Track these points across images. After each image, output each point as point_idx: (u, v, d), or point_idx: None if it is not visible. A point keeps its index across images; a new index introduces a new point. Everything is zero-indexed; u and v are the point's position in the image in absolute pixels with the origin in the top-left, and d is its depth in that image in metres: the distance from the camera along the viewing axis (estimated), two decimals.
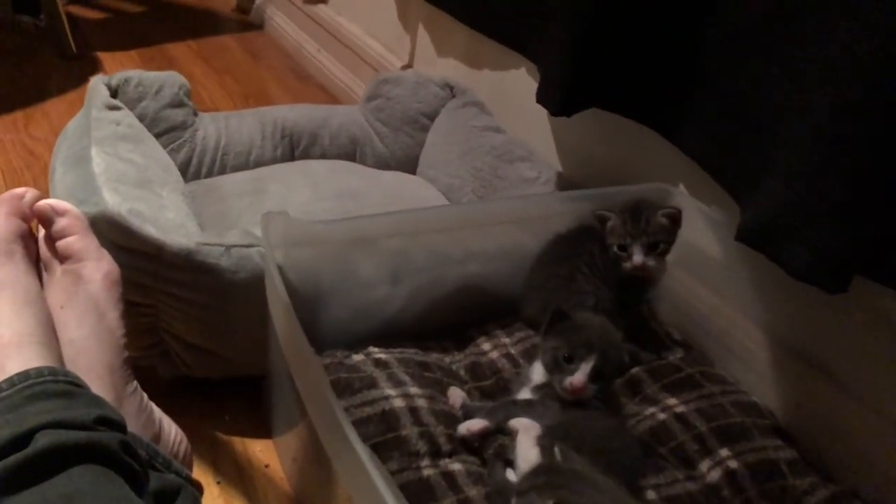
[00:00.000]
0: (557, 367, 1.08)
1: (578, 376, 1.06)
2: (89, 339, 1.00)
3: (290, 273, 1.17)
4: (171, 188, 1.35)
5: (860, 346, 1.17)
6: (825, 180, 1.02)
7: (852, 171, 1.00)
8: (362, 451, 0.82)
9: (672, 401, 1.22)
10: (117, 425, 0.87)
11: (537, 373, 1.14)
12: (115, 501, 0.78)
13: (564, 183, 1.58)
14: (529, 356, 1.25)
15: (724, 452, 1.13)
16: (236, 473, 1.18)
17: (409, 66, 2.29)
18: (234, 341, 1.23)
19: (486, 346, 1.33)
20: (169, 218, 1.20)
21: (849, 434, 1.16)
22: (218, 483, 1.16)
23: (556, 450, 0.94)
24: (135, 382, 1.04)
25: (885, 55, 0.92)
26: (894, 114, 0.94)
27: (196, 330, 1.21)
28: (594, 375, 1.07)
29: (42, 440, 0.71)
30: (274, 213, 1.13)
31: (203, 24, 3.17)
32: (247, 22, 3.27)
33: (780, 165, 1.09)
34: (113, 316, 1.04)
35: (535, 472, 0.87)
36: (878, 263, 1.07)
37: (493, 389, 1.23)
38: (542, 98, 1.46)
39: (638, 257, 1.25)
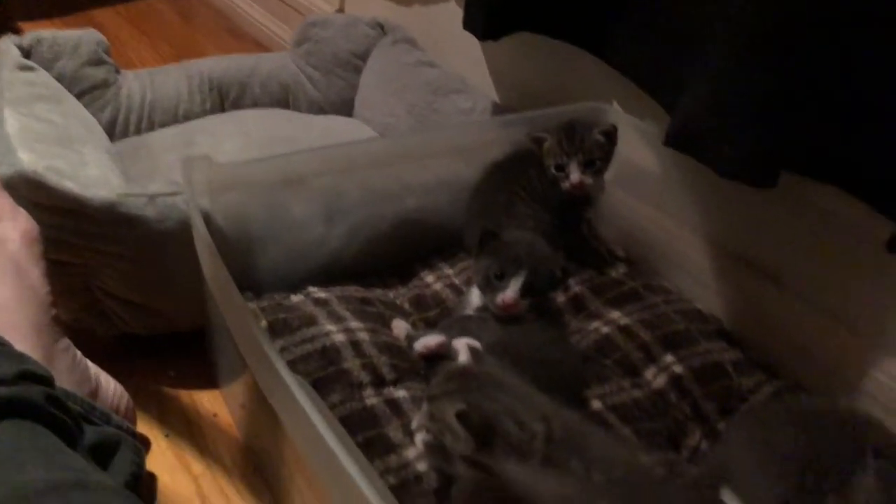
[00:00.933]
0: (489, 285, 1.08)
1: (509, 292, 1.05)
2: (11, 299, 0.97)
3: (218, 219, 1.15)
4: (95, 146, 1.31)
5: (797, 244, 1.17)
6: (746, 79, 1.01)
7: (772, 68, 0.99)
8: (294, 386, 0.80)
9: (615, 314, 1.22)
10: (42, 380, 0.85)
11: (475, 295, 1.13)
12: (42, 453, 0.77)
13: (500, 111, 1.56)
14: (471, 283, 1.25)
15: (669, 358, 1.14)
16: (184, 425, 1.17)
17: (340, 10, 2.24)
18: (170, 294, 1.21)
19: (429, 278, 1.32)
20: (90, 174, 1.16)
21: (790, 330, 1.18)
22: (166, 436, 1.15)
23: (465, 347, 0.94)
24: (66, 340, 1.02)
25: None
26: (810, 11, 0.94)
27: (130, 285, 1.18)
28: (525, 290, 1.06)
29: None
30: (195, 158, 1.10)
31: None
32: None
33: (703, 68, 1.08)
34: (35, 274, 1.01)
35: (448, 377, 0.86)
36: (806, 158, 1.08)
37: (439, 320, 1.22)
38: (468, 24, 1.43)
39: (575, 175, 1.25)
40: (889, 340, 1.08)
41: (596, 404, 1.06)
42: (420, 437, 0.87)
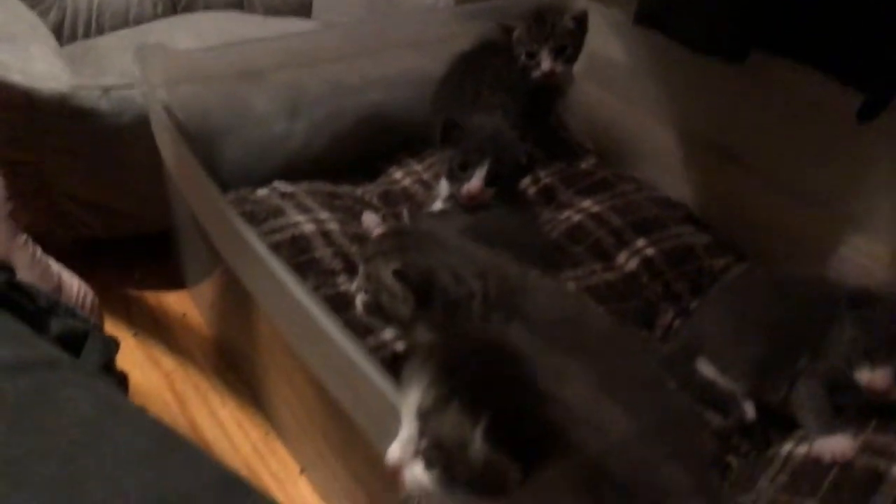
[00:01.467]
0: (454, 176, 1.06)
1: (474, 182, 1.04)
2: None
3: (177, 113, 1.10)
4: (42, 44, 1.24)
5: (765, 127, 1.17)
6: None
7: None
8: (276, 263, 0.79)
9: (587, 203, 1.21)
10: (1, 267, 0.82)
11: (443, 187, 1.12)
12: (8, 335, 0.74)
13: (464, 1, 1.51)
14: (439, 177, 1.23)
15: (641, 242, 1.14)
16: (152, 325, 1.15)
17: None
18: (130, 194, 1.17)
19: (397, 174, 1.30)
20: (38, 68, 1.10)
21: (758, 212, 1.18)
22: (134, 335, 1.13)
23: (405, 212, 0.92)
24: (24, 235, 0.98)
25: None
26: None
27: (87, 185, 1.14)
28: (490, 178, 1.04)
29: None
30: (149, 46, 1.05)
31: None
32: None
33: None
34: None
35: (382, 237, 0.84)
36: (774, 32, 1.06)
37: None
38: None
39: (546, 63, 1.22)
40: (855, 215, 1.08)
41: (569, 287, 1.06)
42: (359, 299, 0.85)
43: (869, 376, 0.83)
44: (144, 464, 0.57)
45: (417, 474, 0.54)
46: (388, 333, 0.94)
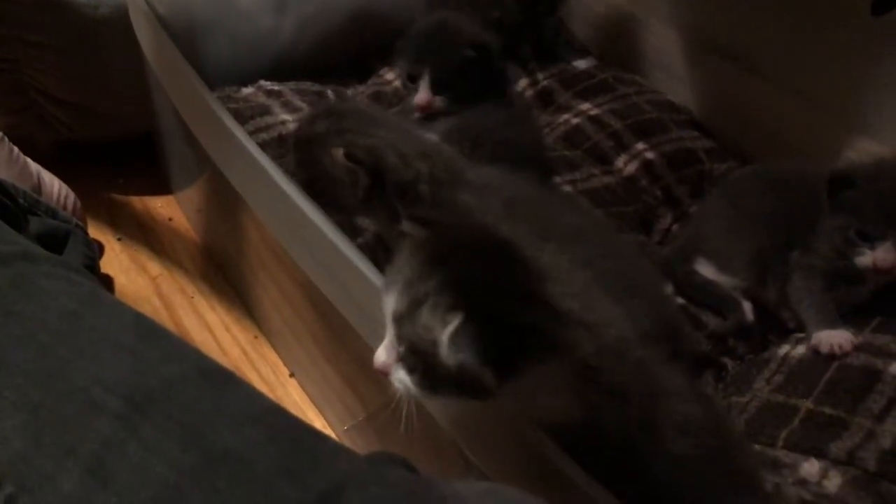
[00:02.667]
0: (406, 88, 1.01)
1: (420, 94, 0.98)
2: None
3: (158, 7, 1.05)
4: None
5: (769, 28, 1.12)
6: None
7: None
8: (264, 160, 0.75)
9: (585, 105, 1.17)
10: None
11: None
12: None
13: None
14: None
15: (641, 146, 1.10)
16: (138, 229, 1.12)
17: None
18: (110, 93, 1.12)
19: (389, 75, 1.24)
20: None
21: (762, 116, 1.14)
22: (119, 240, 1.10)
23: (329, 92, 0.87)
24: (0, 133, 0.95)
25: None
26: None
27: (65, 82, 1.09)
28: (437, 86, 0.98)
29: None
30: None
31: None
32: None
33: None
34: None
35: (313, 117, 0.80)
36: None
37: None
38: None
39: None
40: (861, 118, 1.05)
41: (567, 189, 1.03)
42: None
43: (871, 258, 0.80)
44: (125, 354, 0.55)
45: (402, 378, 0.53)
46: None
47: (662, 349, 0.62)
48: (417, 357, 0.51)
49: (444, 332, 0.48)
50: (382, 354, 0.53)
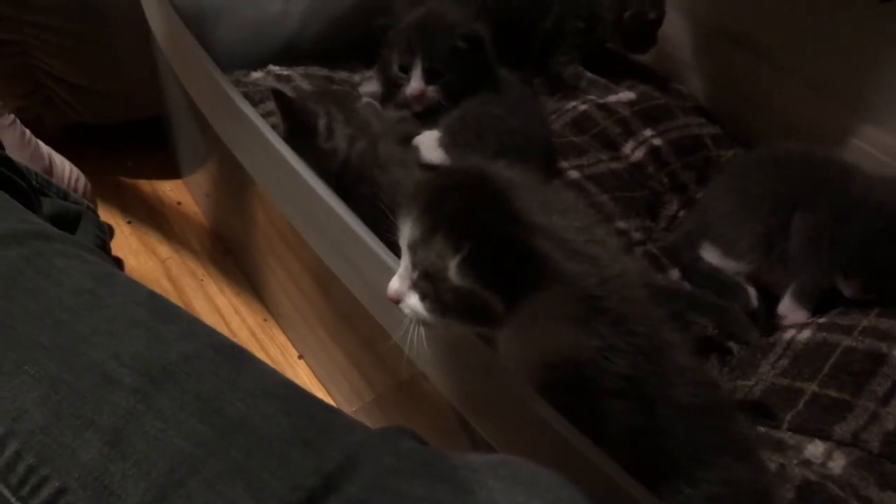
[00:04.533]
0: (398, 80, 1.01)
1: (413, 84, 0.98)
2: None
3: None
4: None
5: (779, 14, 1.13)
6: None
7: None
8: (281, 147, 0.76)
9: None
10: None
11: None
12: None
13: None
14: None
15: (648, 132, 1.11)
16: (147, 213, 1.13)
17: None
18: (120, 76, 1.13)
19: None
20: None
21: (770, 102, 1.15)
22: (129, 223, 1.11)
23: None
24: (11, 115, 0.95)
25: None
26: None
27: (75, 65, 1.09)
28: (429, 76, 0.98)
29: None
30: None
31: None
32: None
33: None
34: None
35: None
36: None
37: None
38: None
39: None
40: (867, 106, 1.06)
41: (573, 174, 1.03)
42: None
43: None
44: (140, 330, 0.55)
45: (413, 304, 0.55)
46: None
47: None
48: (429, 282, 0.53)
49: (454, 259, 0.51)
50: (396, 282, 0.56)
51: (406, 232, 0.54)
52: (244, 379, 0.53)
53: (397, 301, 0.55)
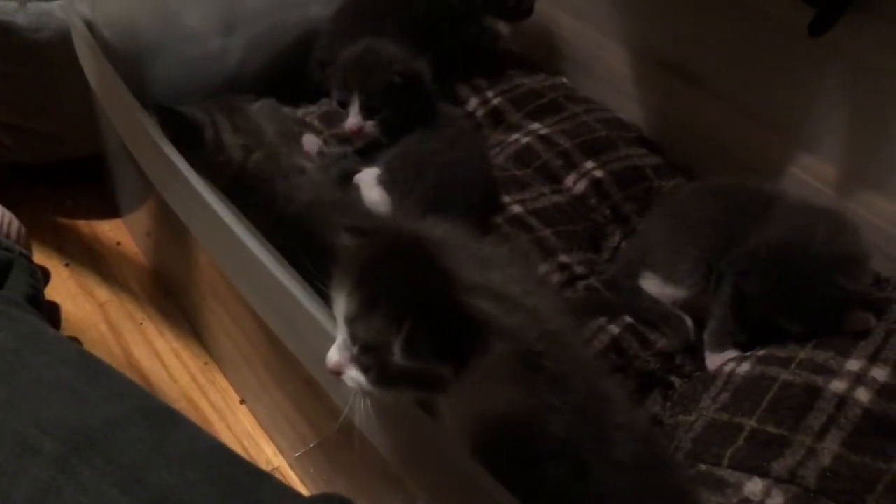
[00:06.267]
0: (339, 115, 1.04)
1: (350, 119, 1.00)
2: None
3: (101, 29, 1.03)
4: None
5: (719, 46, 1.14)
6: None
7: None
8: (207, 193, 0.75)
9: (535, 125, 1.18)
10: None
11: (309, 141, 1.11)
12: None
13: None
14: None
15: (590, 164, 1.12)
16: (85, 254, 1.10)
17: None
18: (54, 115, 1.11)
19: None
20: None
21: (710, 132, 1.16)
22: (66, 265, 1.08)
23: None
24: None
25: None
26: None
27: (8, 105, 1.07)
28: (367, 111, 0.99)
29: None
30: None
31: None
32: None
33: None
34: None
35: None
36: None
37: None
38: None
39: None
40: (805, 135, 1.07)
41: (516, 209, 1.04)
42: None
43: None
44: (64, 393, 0.54)
45: (356, 377, 0.53)
46: None
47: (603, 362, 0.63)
48: (371, 356, 0.52)
49: (398, 339, 0.49)
50: (335, 355, 0.54)
51: (341, 305, 0.52)
52: (171, 444, 0.52)
53: (338, 373, 0.54)
